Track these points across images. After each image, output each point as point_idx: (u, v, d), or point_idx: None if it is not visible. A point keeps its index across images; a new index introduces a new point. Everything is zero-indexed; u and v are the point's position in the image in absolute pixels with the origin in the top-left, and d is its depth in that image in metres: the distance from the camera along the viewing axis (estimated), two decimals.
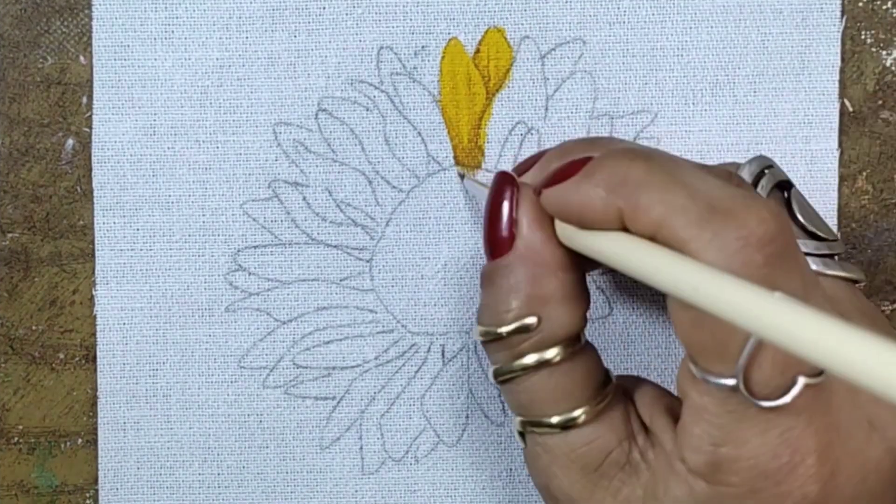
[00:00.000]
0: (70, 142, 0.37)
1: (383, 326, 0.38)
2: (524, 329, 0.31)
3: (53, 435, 0.38)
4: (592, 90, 0.37)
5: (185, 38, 0.37)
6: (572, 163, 0.31)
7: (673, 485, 0.29)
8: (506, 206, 0.32)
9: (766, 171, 0.34)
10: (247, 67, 0.37)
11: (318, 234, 0.38)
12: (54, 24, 0.37)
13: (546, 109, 0.37)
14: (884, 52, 0.38)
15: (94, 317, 0.38)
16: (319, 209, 0.38)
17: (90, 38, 0.37)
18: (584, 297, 0.32)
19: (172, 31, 0.37)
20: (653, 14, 0.37)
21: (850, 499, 0.29)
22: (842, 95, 0.38)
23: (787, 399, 0.27)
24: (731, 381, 0.27)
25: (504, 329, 0.31)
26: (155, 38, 0.37)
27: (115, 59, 0.37)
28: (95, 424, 0.38)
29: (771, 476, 0.28)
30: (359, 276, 0.38)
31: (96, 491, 0.38)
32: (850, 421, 0.29)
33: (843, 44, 0.38)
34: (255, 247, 0.38)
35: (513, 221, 0.31)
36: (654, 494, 0.30)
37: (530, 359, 0.31)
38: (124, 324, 0.38)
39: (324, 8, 0.37)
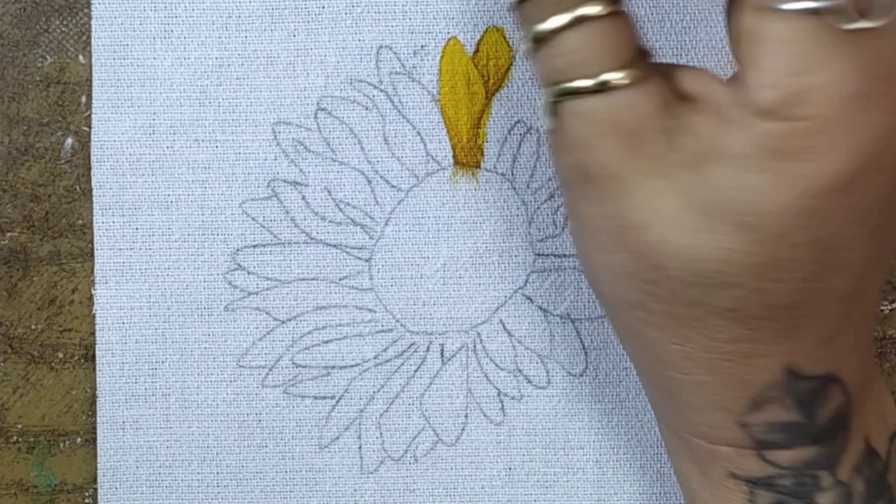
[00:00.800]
0: (69, 141, 0.37)
1: (382, 326, 0.38)
2: None
3: (52, 434, 0.38)
4: None
5: (185, 38, 0.37)
6: None
7: (730, 135, 0.28)
8: None
9: None
10: (246, 67, 0.37)
11: (318, 233, 0.38)
12: (53, 24, 0.37)
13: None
14: None
15: (94, 316, 0.38)
16: (318, 208, 0.38)
17: (89, 37, 0.37)
18: None
19: (171, 31, 0.37)
20: (653, 14, 0.37)
21: None
22: None
23: (884, 20, 0.26)
24: (815, 3, 0.26)
25: None
26: (154, 38, 0.37)
27: (114, 59, 0.37)
28: (94, 423, 0.38)
29: (851, 104, 0.27)
30: (358, 276, 0.38)
31: (95, 490, 0.38)
32: None
33: None
34: (254, 246, 0.38)
35: None
36: (704, 154, 0.28)
37: (568, 15, 0.29)
38: (123, 323, 0.38)
39: (323, 7, 0.37)
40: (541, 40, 0.29)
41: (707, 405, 0.31)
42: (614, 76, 0.29)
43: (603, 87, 0.29)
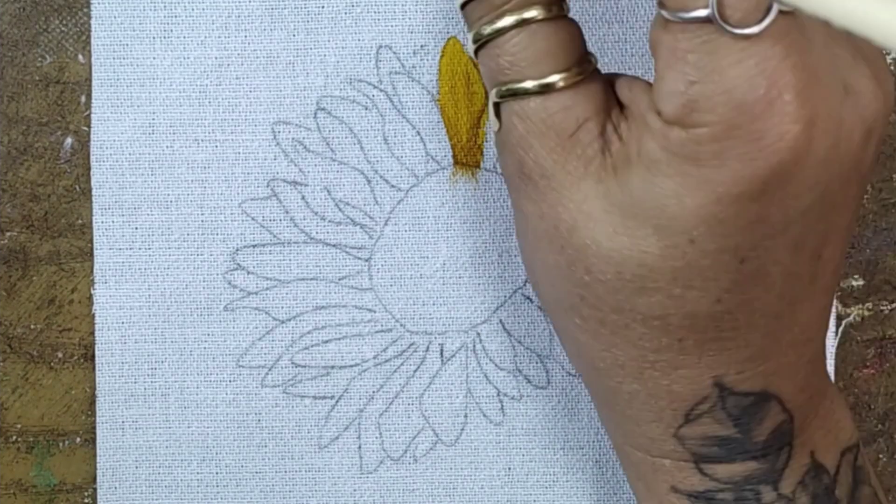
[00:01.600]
0: (69, 140, 0.37)
1: (382, 325, 0.38)
2: None
3: (52, 434, 0.38)
4: None
5: (184, 37, 0.37)
6: None
7: (647, 142, 0.29)
8: None
9: None
10: (245, 66, 0.37)
11: (317, 233, 0.38)
12: (53, 23, 0.37)
13: None
14: (882, 52, 0.38)
15: (93, 316, 0.38)
16: (318, 208, 0.38)
17: (89, 36, 0.37)
18: None
19: (171, 30, 0.37)
20: (652, 14, 0.37)
21: (822, 160, 0.28)
22: None
23: (762, 25, 0.27)
24: (704, 11, 0.27)
25: None
26: (154, 37, 0.37)
27: (113, 58, 0.37)
28: (94, 423, 0.38)
29: (748, 109, 0.27)
30: (357, 275, 0.38)
31: (95, 490, 0.38)
32: (828, 76, 0.29)
33: None
34: (253, 246, 0.38)
35: None
36: (625, 159, 0.29)
37: (511, 18, 0.30)
38: (123, 322, 0.38)
39: (322, 7, 0.37)
40: (485, 41, 0.31)
41: (643, 417, 0.32)
42: (554, 78, 0.30)
43: (543, 90, 0.30)
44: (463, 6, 0.31)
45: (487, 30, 0.30)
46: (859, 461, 0.33)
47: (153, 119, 0.37)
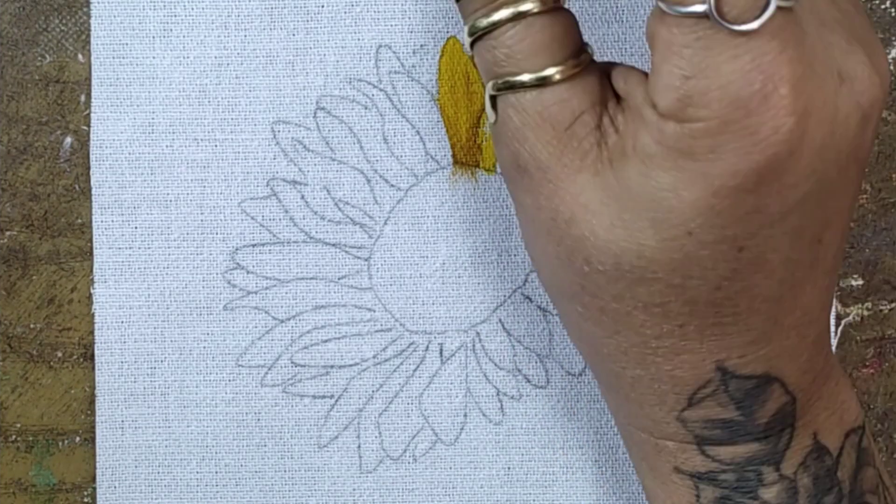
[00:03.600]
0: (68, 140, 0.37)
1: (381, 325, 0.38)
2: None
3: (51, 433, 0.38)
4: None
5: (184, 37, 0.37)
6: None
7: (642, 135, 0.29)
8: None
9: None
10: (245, 66, 0.37)
11: (317, 232, 0.38)
12: (53, 23, 0.37)
13: None
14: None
15: (93, 315, 0.38)
16: (318, 207, 0.38)
17: (88, 36, 0.37)
18: None
19: (171, 30, 0.37)
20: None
21: (818, 149, 0.28)
22: None
23: (760, 21, 0.27)
24: (701, 7, 0.27)
25: None
26: (153, 37, 0.37)
27: (113, 58, 0.37)
28: (93, 422, 0.38)
29: (743, 105, 0.27)
30: (357, 275, 0.38)
31: (94, 489, 0.38)
32: (822, 66, 0.29)
33: None
34: (253, 245, 0.38)
35: None
36: (622, 151, 0.29)
37: (506, 11, 0.30)
38: (122, 322, 0.38)
39: (322, 6, 0.37)
40: (481, 34, 0.30)
41: (646, 400, 0.32)
42: (550, 71, 0.30)
43: (539, 83, 0.30)
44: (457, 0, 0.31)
45: (483, 22, 0.30)
46: (864, 443, 0.33)
47: (153, 118, 0.37)
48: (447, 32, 0.37)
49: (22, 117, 0.37)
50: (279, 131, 0.37)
